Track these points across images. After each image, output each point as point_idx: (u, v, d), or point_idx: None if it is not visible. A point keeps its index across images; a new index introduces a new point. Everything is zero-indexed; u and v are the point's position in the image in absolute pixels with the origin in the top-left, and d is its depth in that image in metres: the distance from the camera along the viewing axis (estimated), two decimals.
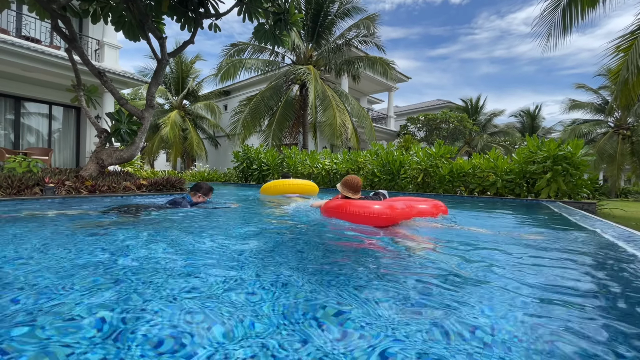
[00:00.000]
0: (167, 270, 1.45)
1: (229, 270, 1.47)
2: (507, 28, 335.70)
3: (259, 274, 1.42)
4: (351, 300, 1.13)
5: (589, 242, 2.37)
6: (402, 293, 1.24)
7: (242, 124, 14.52)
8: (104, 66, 9.94)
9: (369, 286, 1.30)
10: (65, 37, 5.58)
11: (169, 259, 1.65)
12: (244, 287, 1.24)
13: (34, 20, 9.37)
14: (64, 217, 3.05)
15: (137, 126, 6.22)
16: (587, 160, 5.98)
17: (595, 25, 6.41)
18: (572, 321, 1.02)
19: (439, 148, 7.59)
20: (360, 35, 14.47)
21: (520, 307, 1.10)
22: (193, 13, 6.04)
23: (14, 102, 10.11)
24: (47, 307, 1.01)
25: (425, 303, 1.14)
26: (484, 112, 24.70)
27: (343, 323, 0.96)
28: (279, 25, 5.78)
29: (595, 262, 1.84)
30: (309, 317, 0.98)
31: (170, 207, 3.71)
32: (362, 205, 2.82)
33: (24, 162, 5.35)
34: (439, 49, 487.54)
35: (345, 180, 3.21)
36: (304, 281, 1.33)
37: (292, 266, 1.57)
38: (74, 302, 1.05)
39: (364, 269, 1.57)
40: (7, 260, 1.57)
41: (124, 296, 1.11)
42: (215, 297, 1.12)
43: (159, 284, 1.26)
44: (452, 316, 1.01)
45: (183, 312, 0.99)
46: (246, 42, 14.63)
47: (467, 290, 1.29)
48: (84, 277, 1.32)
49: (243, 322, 0.94)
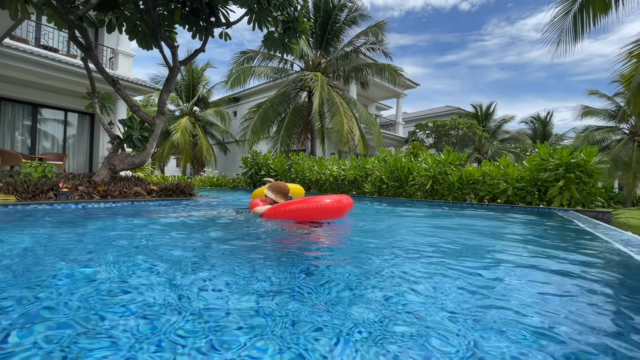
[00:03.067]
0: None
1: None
2: (517, 34, 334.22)
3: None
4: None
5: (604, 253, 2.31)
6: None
7: (252, 130, 14.67)
8: (117, 74, 10.20)
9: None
10: (82, 46, 5.76)
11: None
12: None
13: (52, 30, 9.70)
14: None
15: (148, 132, 6.34)
16: (601, 167, 5.85)
17: (608, 31, 6.33)
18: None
19: (447, 155, 7.53)
20: (368, 42, 14.56)
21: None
22: (204, 22, 6.18)
23: (31, 108, 10.44)
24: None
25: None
26: (494, 119, 24.44)
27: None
28: (288, 33, 5.87)
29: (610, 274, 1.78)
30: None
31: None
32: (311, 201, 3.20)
33: (39, 167, 5.49)
34: (448, 55, 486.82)
35: (277, 186, 3.61)
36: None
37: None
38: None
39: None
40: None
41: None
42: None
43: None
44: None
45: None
46: (256, 50, 14.85)
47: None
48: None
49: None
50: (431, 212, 5.34)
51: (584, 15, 6.06)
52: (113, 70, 10.53)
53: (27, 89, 9.94)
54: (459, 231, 3.28)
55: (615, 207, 6.38)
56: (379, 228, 3.42)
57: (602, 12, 5.88)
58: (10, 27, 7.13)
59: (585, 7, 6.00)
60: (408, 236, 2.91)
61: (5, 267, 1.55)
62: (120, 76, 10.02)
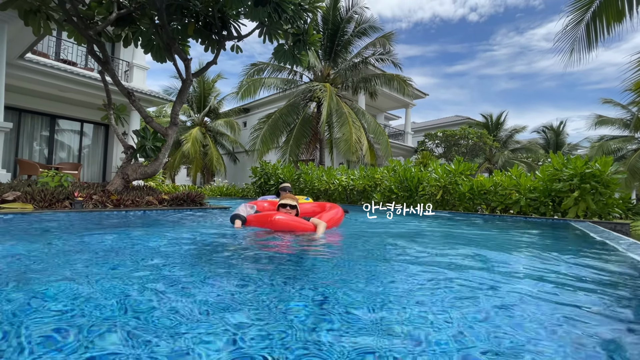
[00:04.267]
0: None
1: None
2: (526, 44, 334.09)
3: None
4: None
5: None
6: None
7: (261, 140, 14.85)
8: (132, 86, 10.51)
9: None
10: (99, 60, 5.97)
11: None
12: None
13: (72, 45, 10.10)
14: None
15: (161, 143, 6.47)
16: (618, 178, 5.69)
17: (621, 40, 6.23)
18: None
19: (458, 165, 7.45)
20: (377, 53, 14.71)
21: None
22: (216, 36, 6.35)
23: (49, 119, 10.80)
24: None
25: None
26: (505, 128, 24.17)
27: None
28: (298, 45, 5.97)
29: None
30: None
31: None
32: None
33: (56, 177, 5.64)
34: (457, 65, 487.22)
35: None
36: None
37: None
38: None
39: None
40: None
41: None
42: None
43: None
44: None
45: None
46: (266, 62, 15.14)
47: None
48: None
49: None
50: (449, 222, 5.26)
51: (597, 23, 6.01)
52: (128, 83, 10.86)
53: (46, 101, 10.32)
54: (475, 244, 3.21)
55: (633, 218, 6.17)
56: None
57: (616, 21, 5.82)
58: (33, 43, 7.46)
59: (598, 15, 5.96)
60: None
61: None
62: (135, 88, 10.32)
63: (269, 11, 5.17)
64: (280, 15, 5.31)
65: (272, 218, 3.21)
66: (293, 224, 3.23)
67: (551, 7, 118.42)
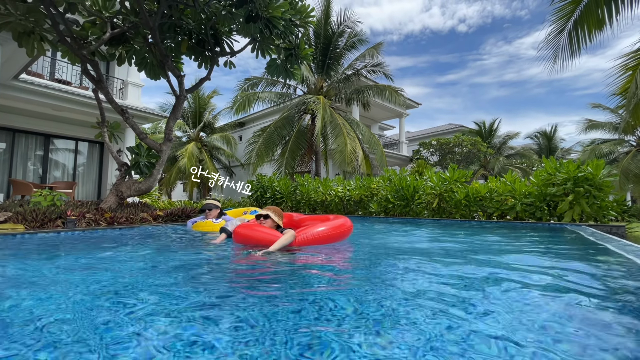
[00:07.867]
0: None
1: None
2: (515, 52, 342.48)
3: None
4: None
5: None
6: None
7: (257, 153, 14.88)
8: (127, 104, 10.56)
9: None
10: (93, 79, 6.02)
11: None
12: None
13: (66, 65, 10.18)
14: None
15: (155, 159, 6.46)
16: (611, 180, 5.74)
17: (605, 46, 6.43)
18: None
19: (453, 172, 7.49)
20: (368, 65, 14.97)
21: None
22: (210, 52, 6.44)
23: (43, 139, 10.78)
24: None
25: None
26: (498, 135, 24.47)
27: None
28: (290, 59, 6.07)
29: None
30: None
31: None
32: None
33: (49, 196, 5.59)
34: (448, 75, 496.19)
35: (278, 210, 3.31)
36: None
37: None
38: None
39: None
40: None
41: None
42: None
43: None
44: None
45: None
46: (259, 77, 15.33)
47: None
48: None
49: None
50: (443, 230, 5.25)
51: (579, 31, 6.18)
52: (123, 100, 10.92)
53: (40, 121, 10.32)
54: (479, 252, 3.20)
55: (629, 220, 6.20)
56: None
57: (597, 28, 5.99)
58: (27, 64, 7.51)
59: (579, 24, 6.13)
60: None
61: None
62: (130, 105, 10.37)
63: (261, 27, 5.27)
64: (271, 31, 5.41)
65: (236, 230, 3.24)
66: (254, 235, 3.04)
67: (537, 16, 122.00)
